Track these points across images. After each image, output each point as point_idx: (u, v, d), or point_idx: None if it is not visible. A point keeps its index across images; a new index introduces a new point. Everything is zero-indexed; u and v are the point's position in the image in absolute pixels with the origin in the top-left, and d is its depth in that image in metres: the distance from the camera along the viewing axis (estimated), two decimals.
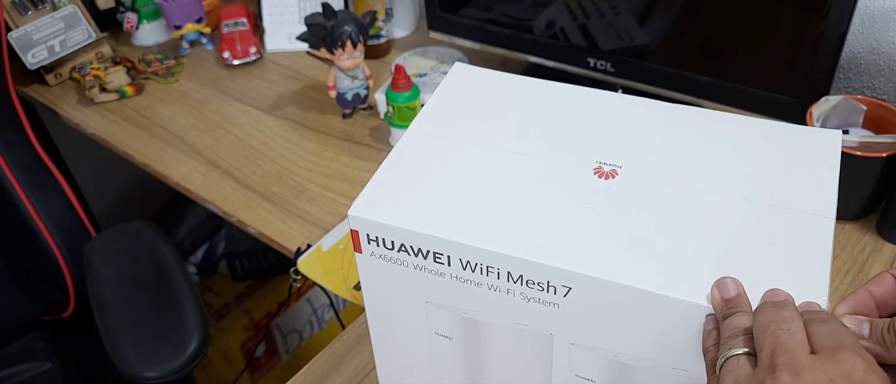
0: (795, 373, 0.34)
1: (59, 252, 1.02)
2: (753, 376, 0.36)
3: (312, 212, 0.93)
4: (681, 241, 0.43)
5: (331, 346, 0.74)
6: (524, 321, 0.46)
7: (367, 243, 0.48)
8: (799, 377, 0.33)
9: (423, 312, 0.50)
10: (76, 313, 1.07)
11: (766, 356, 0.35)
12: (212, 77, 1.21)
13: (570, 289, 0.43)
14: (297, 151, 1.03)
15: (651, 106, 0.53)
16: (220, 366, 1.41)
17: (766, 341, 0.36)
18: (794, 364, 0.34)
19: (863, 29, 0.91)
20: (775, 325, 0.36)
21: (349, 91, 1.05)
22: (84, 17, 1.20)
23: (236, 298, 1.48)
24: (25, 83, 1.21)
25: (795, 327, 0.36)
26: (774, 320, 0.37)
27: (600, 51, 0.97)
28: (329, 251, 0.85)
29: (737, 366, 0.37)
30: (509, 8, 1.02)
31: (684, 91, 0.93)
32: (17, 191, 0.99)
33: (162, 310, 0.85)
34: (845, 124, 0.82)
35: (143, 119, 1.13)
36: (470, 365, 0.52)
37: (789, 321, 0.36)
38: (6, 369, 1.01)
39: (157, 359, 0.79)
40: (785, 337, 0.35)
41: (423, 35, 1.25)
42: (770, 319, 0.37)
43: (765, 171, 0.47)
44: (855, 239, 0.80)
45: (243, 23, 1.23)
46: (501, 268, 0.44)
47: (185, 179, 1.00)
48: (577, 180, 0.47)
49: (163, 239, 0.94)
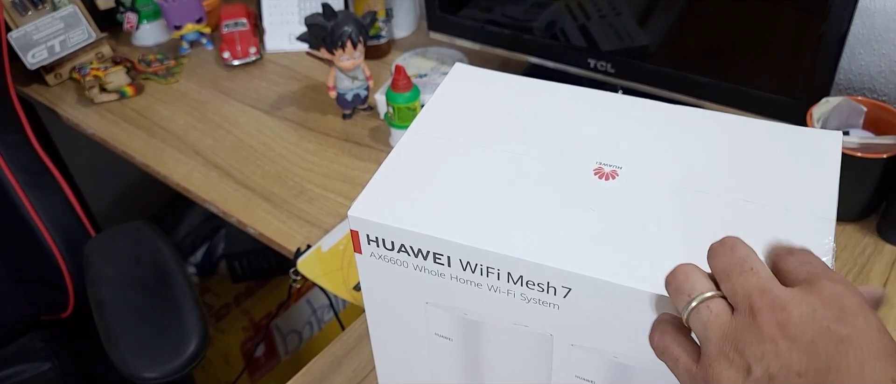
0: (780, 310, 0.32)
1: (59, 252, 1.02)
2: (732, 322, 0.33)
3: (312, 212, 0.93)
4: (681, 243, 0.43)
5: (330, 347, 0.74)
6: (524, 322, 0.46)
7: (366, 244, 0.48)
8: (784, 313, 0.32)
9: (423, 313, 0.50)
10: (76, 313, 1.07)
11: (742, 300, 0.33)
12: (212, 77, 1.21)
13: (570, 289, 0.43)
14: (296, 152, 1.03)
15: (651, 107, 0.53)
16: (220, 366, 1.41)
17: (734, 286, 0.34)
18: (775, 302, 0.32)
19: (863, 30, 0.90)
20: (737, 267, 0.34)
21: (349, 91, 1.05)
22: (84, 17, 1.20)
23: (236, 299, 1.48)
24: (25, 83, 1.21)
25: (757, 265, 0.34)
26: (734, 262, 0.35)
27: (600, 51, 0.97)
28: (329, 252, 0.85)
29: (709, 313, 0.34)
30: (509, 8, 1.02)
31: (684, 92, 0.93)
32: (16, 191, 0.99)
33: (161, 311, 0.85)
34: (846, 125, 0.82)
35: (142, 119, 1.13)
36: (470, 366, 0.52)
37: (749, 260, 0.34)
38: (6, 369, 1.01)
39: (157, 360, 0.79)
40: (753, 278, 0.33)
41: (423, 36, 1.25)
42: (729, 262, 0.35)
43: (765, 173, 0.47)
44: (855, 240, 0.80)
45: (243, 23, 1.23)
46: (501, 269, 0.44)
47: (185, 179, 1.00)
48: (577, 181, 0.47)
49: (162, 239, 0.94)
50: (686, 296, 0.36)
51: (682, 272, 0.37)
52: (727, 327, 0.33)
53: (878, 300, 0.38)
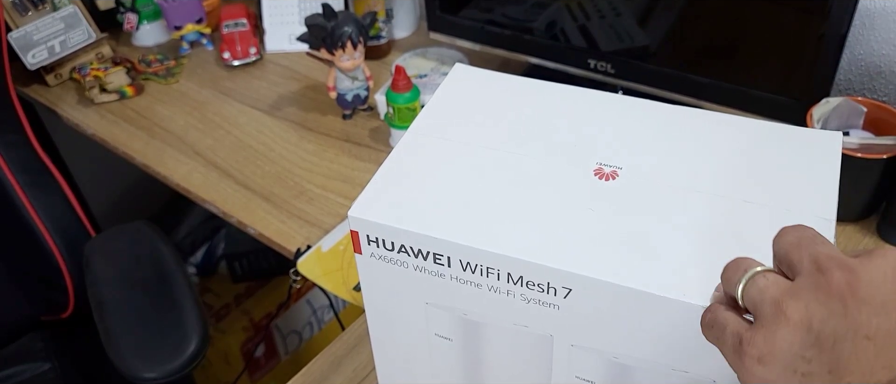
0: (850, 271, 0.30)
1: (59, 252, 1.02)
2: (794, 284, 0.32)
3: (312, 213, 0.93)
4: (681, 243, 0.43)
5: (330, 347, 0.74)
6: (524, 322, 0.46)
7: (366, 244, 0.48)
8: (855, 274, 0.30)
9: (423, 313, 0.50)
10: (75, 314, 1.07)
11: (809, 263, 0.32)
12: (212, 78, 1.21)
13: (570, 290, 0.43)
14: (296, 152, 1.03)
15: (651, 107, 0.53)
16: (220, 366, 1.41)
17: (802, 255, 0.32)
18: (845, 264, 0.31)
19: (863, 30, 0.90)
20: (808, 241, 0.33)
21: (349, 92, 1.05)
22: (84, 17, 1.20)
23: (236, 299, 1.48)
24: (25, 83, 1.21)
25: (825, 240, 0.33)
26: (805, 236, 0.33)
27: (601, 52, 0.97)
28: (329, 252, 0.85)
29: (765, 280, 0.33)
30: (509, 9, 1.02)
31: (685, 92, 0.93)
32: (16, 191, 0.99)
33: (161, 311, 0.85)
34: (846, 126, 0.82)
35: (142, 119, 1.13)
36: (470, 366, 0.52)
37: (819, 237, 0.33)
38: (5, 369, 1.01)
39: (157, 360, 0.79)
40: (822, 248, 0.32)
41: (423, 36, 1.25)
42: (800, 236, 0.34)
43: (765, 173, 0.47)
44: (855, 240, 0.80)
45: (243, 23, 1.23)
46: (501, 270, 0.44)
47: (185, 180, 1.00)
48: (577, 182, 0.47)
49: (162, 239, 0.94)
50: (741, 272, 0.35)
51: (734, 260, 0.36)
52: (788, 286, 0.32)
53: None
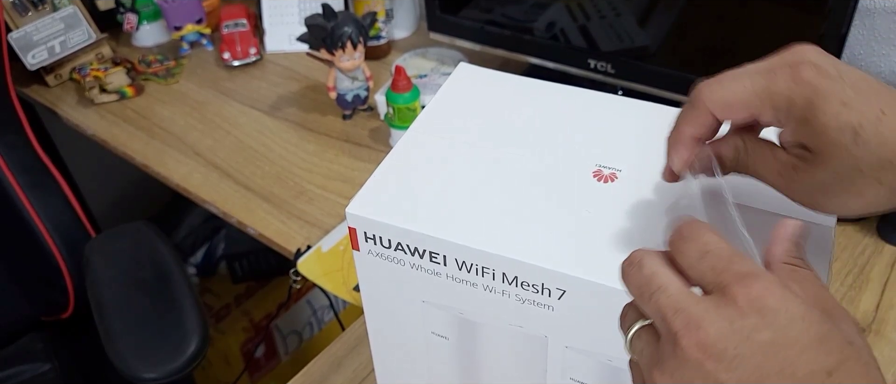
0: (696, 329, 0.30)
1: (59, 253, 1.02)
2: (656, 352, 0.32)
3: (312, 213, 0.93)
4: None
5: (330, 348, 0.74)
6: (519, 322, 0.46)
7: (364, 241, 0.48)
8: (702, 331, 0.30)
9: (420, 311, 0.50)
10: (76, 314, 1.07)
11: (660, 325, 0.32)
12: (212, 78, 1.21)
13: (564, 291, 0.42)
14: (296, 152, 1.03)
15: (651, 108, 0.53)
16: (220, 367, 1.41)
17: (649, 310, 0.33)
18: (690, 321, 0.31)
19: (863, 30, 0.90)
20: (646, 289, 0.33)
21: (349, 92, 1.05)
22: (84, 17, 1.20)
23: (236, 299, 1.48)
24: (25, 84, 1.21)
25: (665, 279, 0.33)
26: (642, 283, 0.33)
27: (600, 52, 0.97)
28: (329, 252, 0.85)
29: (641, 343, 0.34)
30: (509, 9, 1.02)
31: (685, 92, 0.92)
32: (16, 191, 0.99)
33: (161, 312, 0.85)
34: None
35: (142, 120, 1.13)
36: (466, 365, 0.52)
37: (655, 277, 0.33)
38: (6, 370, 1.01)
39: (157, 360, 0.79)
40: (663, 297, 0.32)
41: (423, 36, 1.25)
42: (638, 284, 0.34)
43: None
44: (855, 240, 0.80)
45: (243, 24, 1.23)
46: (496, 270, 0.44)
47: (185, 180, 1.00)
48: (576, 183, 0.47)
49: (162, 240, 0.94)
50: (623, 332, 0.35)
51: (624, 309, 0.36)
52: (656, 356, 0.33)
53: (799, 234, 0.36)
